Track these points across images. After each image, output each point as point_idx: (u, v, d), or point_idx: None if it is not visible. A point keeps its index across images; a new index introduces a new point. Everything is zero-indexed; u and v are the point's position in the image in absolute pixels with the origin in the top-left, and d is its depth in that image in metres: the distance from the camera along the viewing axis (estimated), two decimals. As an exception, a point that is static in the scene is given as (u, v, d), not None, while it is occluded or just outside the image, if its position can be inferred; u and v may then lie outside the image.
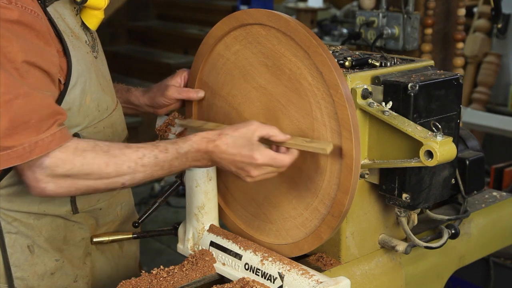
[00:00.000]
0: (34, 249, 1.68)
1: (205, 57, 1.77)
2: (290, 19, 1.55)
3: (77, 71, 1.59)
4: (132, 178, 1.51)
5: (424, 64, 1.74)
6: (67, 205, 1.69)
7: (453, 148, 1.47)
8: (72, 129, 1.61)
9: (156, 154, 1.51)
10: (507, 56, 5.18)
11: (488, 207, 2.08)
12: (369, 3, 2.75)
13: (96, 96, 1.67)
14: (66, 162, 1.44)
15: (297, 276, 1.53)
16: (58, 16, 1.59)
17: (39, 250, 1.69)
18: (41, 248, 1.69)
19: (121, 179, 1.50)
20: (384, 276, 1.75)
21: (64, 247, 1.73)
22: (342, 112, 1.48)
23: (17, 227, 1.65)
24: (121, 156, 1.49)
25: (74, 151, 1.45)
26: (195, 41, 6.11)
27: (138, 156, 1.50)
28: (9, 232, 1.64)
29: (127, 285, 1.63)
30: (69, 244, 1.74)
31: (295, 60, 1.55)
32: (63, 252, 1.73)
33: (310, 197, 1.59)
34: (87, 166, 1.46)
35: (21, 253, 1.66)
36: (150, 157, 1.51)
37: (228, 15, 1.68)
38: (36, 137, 1.40)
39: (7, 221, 1.63)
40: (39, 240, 1.68)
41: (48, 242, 1.70)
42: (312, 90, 1.54)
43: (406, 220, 1.70)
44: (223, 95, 1.75)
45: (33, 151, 1.40)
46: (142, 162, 1.50)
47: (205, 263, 1.71)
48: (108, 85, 1.79)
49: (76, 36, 1.64)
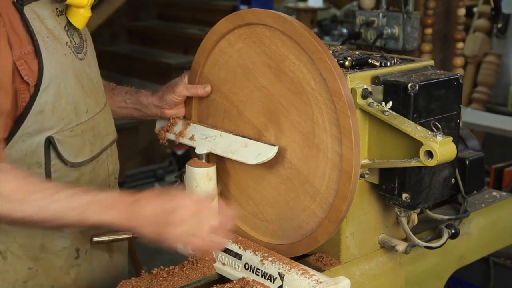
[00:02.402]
0: (7, 256, 1.63)
1: (208, 53, 1.76)
2: (296, 23, 1.55)
3: (50, 73, 1.57)
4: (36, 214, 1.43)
5: (424, 64, 1.74)
6: None
7: (453, 148, 1.47)
8: (45, 132, 1.58)
9: (75, 191, 1.45)
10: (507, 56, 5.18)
11: (488, 207, 2.08)
12: (369, 3, 2.75)
13: (73, 99, 1.64)
14: None
15: (297, 276, 1.53)
16: (35, 17, 1.56)
17: (12, 257, 1.64)
18: (14, 255, 1.64)
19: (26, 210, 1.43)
20: (384, 276, 1.75)
21: (42, 255, 1.68)
22: (343, 120, 1.48)
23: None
24: (34, 186, 1.45)
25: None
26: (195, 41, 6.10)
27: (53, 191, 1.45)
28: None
29: (127, 285, 1.63)
30: (47, 253, 1.69)
31: (299, 64, 1.55)
32: (39, 261, 1.68)
33: (308, 200, 1.59)
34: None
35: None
36: (65, 193, 1.45)
37: (233, 13, 1.68)
38: None
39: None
40: (12, 246, 1.63)
41: (22, 249, 1.65)
42: (314, 95, 1.54)
43: (406, 220, 1.70)
44: (224, 92, 1.75)
45: None
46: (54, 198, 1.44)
47: (205, 263, 1.71)
48: (93, 88, 1.74)
49: (54, 37, 1.60)
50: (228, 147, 1.69)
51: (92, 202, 1.45)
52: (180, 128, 1.85)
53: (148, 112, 1.90)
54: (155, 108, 1.88)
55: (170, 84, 1.86)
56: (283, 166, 1.63)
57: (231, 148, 1.68)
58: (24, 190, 1.43)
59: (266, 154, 1.60)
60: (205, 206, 1.52)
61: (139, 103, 1.90)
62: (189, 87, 1.81)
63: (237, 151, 1.66)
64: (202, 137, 1.77)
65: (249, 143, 1.65)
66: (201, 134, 1.78)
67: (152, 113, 1.89)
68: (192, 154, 1.82)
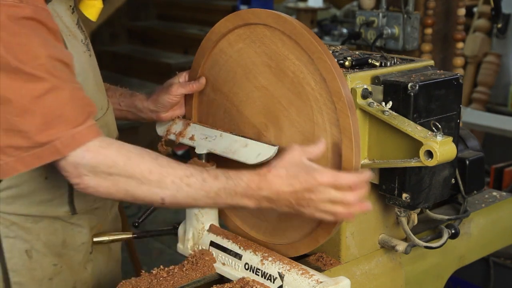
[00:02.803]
0: (32, 254, 1.65)
1: (208, 53, 1.77)
2: (296, 23, 1.55)
3: (77, 70, 1.58)
4: (173, 196, 1.42)
5: (424, 64, 1.74)
6: (65, 206, 1.67)
7: (453, 148, 1.47)
8: None
9: (204, 177, 1.43)
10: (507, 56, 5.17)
11: (488, 207, 2.08)
12: (369, 3, 2.74)
13: (92, 95, 1.65)
14: (108, 158, 1.39)
15: (297, 276, 1.53)
16: (56, 15, 1.57)
17: (37, 255, 1.66)
18: (39, 252, 1.66)
19: (161, 192, 1.42)
20: (384, 276, 1.75)
21: (63, 251, 1.71)
22: (343, 120, 1.49)
23: (15, 231, 1.62)
24: (168, 167, 1.42)
25: (118, 149, 1.41)
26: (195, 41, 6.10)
27: (186, 174, 1.42)
28: (7, 236, 1.62)
29: (127, 285, 1.63)
30: (68, 249, 1.72)
31: (299, 64, 1.55)
32: (62, 257, 1.70)
33: (308, 199, 1.59)
34: (130, 167, 1.40)
35: (19, 258, 1.64)
36: (197, 178, 1.43)
37: (233, 13, 1.68)
38: (72, 130, 1.37)
39: (5, 225, 1.61)
40: (37, 244, 1.66)
41: (47, 247, 1.67)
42: (314, 95, 1.54)
43: (406, 220, 1.70)
44: (224, 92, 1.75)
45: (69, 144, 1.37)
46: (188, 181, 1.42)
47: (205, 263, 1.71)
48: (102, 85, 1.78)
49: (72, 35, 1.62)
50: (228, 147, 1.69)
51: (223, 189, 1.44)
52: (180, 128, 1.85)
53: (143, 116, 1.89)
54: (150, 113, 1.87)
55: (163, 86, 1.86)
56: (283, 166, 1.63)
57: (231, 148, 1.68)
58: (158, 172, 1.41)
59: (266, 154, 1.60)
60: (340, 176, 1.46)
61: (134, 107, 1.90)
62: (184, 85, 1.80)
63: (237, 151, 1.66)
64: (202, 137, 1.77)
65: (249, 143, 1.65)
66: (201, 134, 1.78)
67: (147, 117, 1.89)
68: (192, 154, 1.82)
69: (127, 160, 1.40)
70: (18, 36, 1.34)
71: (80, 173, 1.40)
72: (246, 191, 1.44)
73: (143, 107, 1.87)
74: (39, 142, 1.35)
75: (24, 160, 1.37)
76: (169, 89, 1.82)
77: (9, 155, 1.37)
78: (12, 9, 1.34)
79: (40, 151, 1.36)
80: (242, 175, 1.45)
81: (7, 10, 1.33)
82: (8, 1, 1.34)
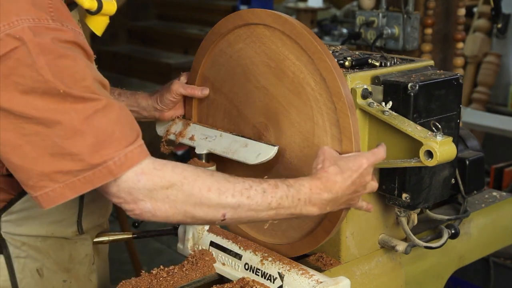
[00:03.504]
0: (43, 272, 1.64)
1: (207, 53, 1.77)
2: (296, 23, 1.55)
3: None
4: (234, 211, 1.36)
5: (424, 64, 1.73)
6: (73, 226, 1.66)
7: (453, 148, 1.47)
8: None
9: (264, 187, 1.38)
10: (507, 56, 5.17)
11: (488, 207, 2.08)
12: (369, 3, 2.74)
13: None
14: (164, 179, 1.32)
15: (297, 276, 1.53)
16: None
17: (48, 273, 1.65)
18: (50, 270, 1.65)
19: (222, 209, 1.35)
20: (384, 276, 1.75)
21: (70, 266, 1.69)
22: (343, 120, 1.49)
23: (26, 251, 1.60)
24: (225, 183, 1.36)
25: (173, 169, 1.34)
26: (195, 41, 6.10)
27: (245, 186, 1.36)
28: (18, 256, 1.59)
29: (127, 285, 1.63)
30: (75, 263, 1.70)
31: (299, 64, 1.55)
32: (70, 272, 1.69)
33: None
34: (187, 187, 1.33)
35: (31, 278, 1.61)
36: (257, 189, 1.37)
37: (233, 13, 1.68)
38: (125, 149, 1.30)
39: (15, 246, 1.59)
40: (48, 262, 1.64)
41: (56, 263, 1.66)
42: (314, 95, 1.54)
43: (406, 220, 1.70)
44: (224, 92, 1.75)
45: (123, 164, 1.29)
46: (248, 194, 1.36)
47: (205, 263, 1.71)
48: None
49: None
50: (228, 147, 1.69)
51: (286, 198, 1.39)
52: (180, 128, 1.85)
53: (146, 114, 1.89)
54: (154, 111, 1.87)
55: (165, 86, 1.86)
56: (283, 166, 1.63)
57: (231, 148, 1.68)
58: (217, 188, 1.35)
59: (266, 154, 1.60)
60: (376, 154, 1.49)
61: (137, 105, 1.89)
62: (185, 86, 1.81)
63: (237, 151, 1.66)
64: (202, 137, 1.77)
65: (249, 143, 1.65)
66: (201, 134, 1.78)
67: (150, 115, 1.88)
68: (192, 154, 1.82)
69: (184, 179, 1.34)
70: (64, 58, 1.29)
71: (136, 198, 1.32)
72: (310, 196, 1.41)
73: (147, 105, 1.87)
74: (91, 163, 1.28)
75: (74, 185, 1.29)
76: (170, 87, 1.83)
77: (57, 181, 1.29)
78: (56, 33, 1.31)
79: (92, 174, 1.28)
80: (303, 181, 1.41)
81: (51, 33, 1.30)
82: (51, 24, 1.31)
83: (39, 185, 1.29)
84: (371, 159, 1.47)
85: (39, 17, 1.29)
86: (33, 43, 1.26)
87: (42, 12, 1.30)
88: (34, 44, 1.26)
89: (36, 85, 1.26)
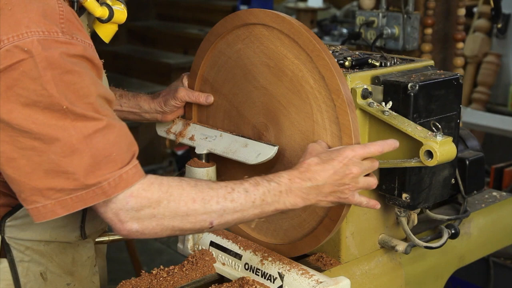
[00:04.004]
0: (47, 276, 1.63)
1: (206, 54, 1.77)
2: (294, 21, 1.55)
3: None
4: (220, 217, 1.39)
5: (424, 64, 1.74)
6: (76, 231, 1.66)
7: (453, 148, 1.47)
8: None
9: (246, 187, 1.40)
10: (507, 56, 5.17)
11: (488, 207, 2.08)
12: (369, 3, 2.74)
13: None
14: (151, 200, 1.34)
15: (297, 276, 1.53)
16: None
17: (52, 276, 1.64)
18: (54, 273, 1.64)
19: (208, 218, 1.38)
20: (384, 276, 1.75)
21: (74, 269, 1.69)
22: (343, 118, 1.49)
23: (30, 255, 1.59)
24: (209, 191, 1.38)
25: (159, 188, 1.35)
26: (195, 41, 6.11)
27: (227, 190, 1.39)
28: (21, 261, 1.58)
29: (127, 285, 1.63)
30: (77, 265, 1.70)
31: (298, 63, 1.55)
32: (73, 275, 1.69)
33: (309, 198, 1.59)
34: (173, 204, 1.35)
35: (35, 282, 1.61)
36: (239, 190, 1.40)
37: (231, 14, 1.68)
38: (119, 170, 1.31)
39: (19, 250, 1.58)
40: (51, 266, 1.63)
41: (59, 267, 1.65)
42: (313, 93, 1.54)
43: (406, 220, 1.70)
44: (224, 93, 1.75)
45: (118, 185, 1.31)
46: (232, 197, 1.39)
47: (205, 263, 1.71)
48: None
49: None
50: (228, 147, 1.69)
51: (268, 193, 1.41)
52: (180, 128, 1.85)
53: (148, 117, 1.89)
54: (156, 113, 1.87)
55: (170, 89, 1.86)
56: (283, 166, 1.63)
57: (231, 148, 1.68)
58: (201, 198, 1.37)
59: (266, 154, 1.60)
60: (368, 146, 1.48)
61: (139, 108, 1.89)
62: (191, 94, 1.80)
63: (237, 151, 1.66)
64: (202, 137, 1.77)
65: (249, 143, 1.65)
66: (201, 134, 1.78)
67: (152, 117, 1.89)
68: (192, 154, 1.82)
69: (169, 196, 1.36)
70: (71, 74, 1.29)
71: (123, 219, 1.34)
72: (290, 186, 1.42)
73: (149, 108, 1.87)
74: (86, 184, 1.29)
75: (65, 203, 1.30)
76: (175, 94, 1.82)
77: (48, 198, 1.29)
78: (66, 46, 1.30)
79: (85, 193, 1.29)
80: (281, 173, 1.44)
81: (60, 47, 1.29)
82: (61, 37, 1.30)
83: (31, 200, 1.30)
84: (358, 151, 1.45)
85: (49, 30, 1.29)
86: (41, 57, 1.25)
87: (52, 25, 1.30)
88: (42, 58, 1.26)
89: (39, 99, 1.26)
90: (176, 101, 1.82)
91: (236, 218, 1.41)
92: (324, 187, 1.44)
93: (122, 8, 1.57)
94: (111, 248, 1.94)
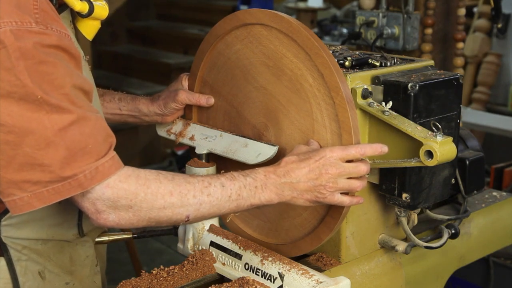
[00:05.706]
0: (45, 275, 1.63)
1: (206, 55, 1.77)
2: (292, 20, 1.55)
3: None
4: (197, 210, 1.41)
5: (424, 64, 1.74)
6: (74, 229, 1.65)
7: (453, 148, 1.47)
8: None
9: (222, 181, 1.43)
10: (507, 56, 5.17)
11: (488, 207, 2.08)
12: (369, 3, 2.74)
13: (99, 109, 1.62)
14: (128, 191, 1.36)
15: (297, 276, 1.53)
16: None
17: (50, 275, 1.64)
18: (52, 272, 1.64)
19: (185, 211, 1.41)
20: (384, 276, 1.75)
21: (73, 268, 1.69)
22: (342, 115, 1.48)
23: (27, 254, 1.59)
24: (186, 184, 1.41)
25: (136, 180, 1.37)
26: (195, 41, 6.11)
27: (204, 185, 1.42)
28: (19, 260, 1.58)
29: (127, 285, 1.63)
30: (76, 265, 1.70)
31: (297, 61, 1.55)
32: (72, 274, 1.68)
33: (310, 197, 1.59)
34: (150, 196, 1.37)
35: (33, 281, 1.61)
36: (216, 185, 1.42)
37: (230, 14, 1.68)
38: (96, 162, 1.32)
39: (16, 249, 1.57)
40: (49, 265, 1.63)
41: (58, 266, 1.65)
42: (312, 92, 1.54)
43: (406, 220, 1.70)
44: (223, 94, 1.75)
45: (94, 178, 1.32)
46: (208, 191, 1.41)
47: (205, 263, 1.71)
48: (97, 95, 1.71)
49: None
50: (228, 147, 1.69)
51: (243, 187, 1.44)
52: (180, 128, 1.85)
53: (148, 120, 1.89)
54: (156, 116, 1.87)
55: (169, 91, 1.85)
56: (283, 166, 1.62)
57: (231, 148, 1.68)
58: (178, 192, 1.40)
59: (266, 153, 1.60)
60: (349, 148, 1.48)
61: (138, 111, 1.88)
62: (191, 97, 1.80)
63: (237, 151, 1.66)
64: (202, 137, 1.77)
65: (249, 143, 1.65)
66: (201, 134, 1.78)
67: (152, 120, 1.88)
68: (192, 154, 1.82)
69: (147, 189, 1.37)
70: (45, 65, 1.28)
71: (99, 209, 1.36)
72: (265, 182, 1.45)
73: (149, 111, 1.87)
74: (62, 176, 1.29)
75: (41, 195, 1.31)
76: (175, 97, 1.81)
77: (25, 191, 1.30)
78: (39, 36, 1.29)
79: (61, 185, 1.30)
80: (258, 169, 1.47)
81: (34, 37, 1.28)
82: (35, 28, 1.29)
83: (7, 192, 1.31)
84: (337, 151, 1.46)
85: (22, 20, 1.28)
86: (14, 47, 1.25)
87: (25, 15, 1.29)
88: (15, 48, 1.25)
89: (13, 89, 1.25)
90: (177, 104, 1.82)
91: (212, 212, 1.44)
92: (299, 185, 1.46)
93: (103, 4, 1.56)
94: (111, 248, 1.94)
